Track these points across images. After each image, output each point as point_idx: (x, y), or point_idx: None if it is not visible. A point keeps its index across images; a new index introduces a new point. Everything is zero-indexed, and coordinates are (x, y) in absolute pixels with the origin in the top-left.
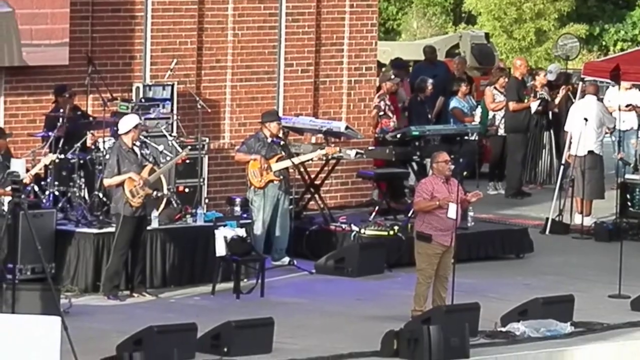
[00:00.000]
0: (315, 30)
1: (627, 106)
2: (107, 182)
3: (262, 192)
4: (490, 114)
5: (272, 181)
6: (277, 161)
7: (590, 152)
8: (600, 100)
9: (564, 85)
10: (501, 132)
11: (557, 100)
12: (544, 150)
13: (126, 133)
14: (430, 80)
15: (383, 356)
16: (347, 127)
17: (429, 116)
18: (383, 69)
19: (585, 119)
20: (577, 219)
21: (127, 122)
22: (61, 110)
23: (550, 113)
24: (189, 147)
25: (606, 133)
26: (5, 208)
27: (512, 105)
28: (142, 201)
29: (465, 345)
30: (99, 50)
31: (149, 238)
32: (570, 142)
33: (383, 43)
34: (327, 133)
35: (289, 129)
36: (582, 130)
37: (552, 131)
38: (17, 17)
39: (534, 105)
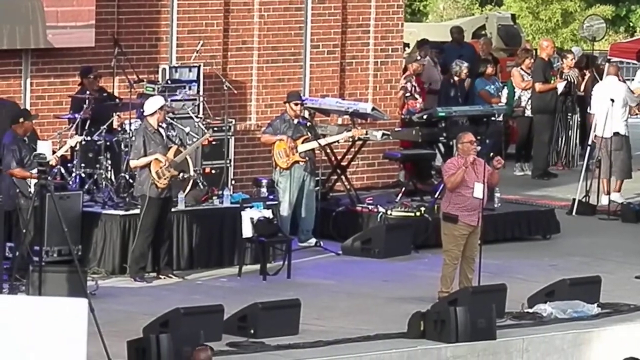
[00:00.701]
0: (341, 12)
1: None
2: (133, 163)
3: (287, 173)
4: (517, 95)
5: (297, 162)
6: (303, 142)
7: (616, 133)
8: (624, 81)
9: (588, 68)
10: (528, 113)
11: (583, 83)
12: (569, 132)
13: (151, 114)
14: (465, 64)
15: (410, 337)
16: (373, 109)
17: (459, 100)
18: (407, 50)
19: (612, 100)
20: (604, 200)
21: (152, 104)
22: (87, 92)
23: (575, 94)
24: (214, 128)
25: (631, 114)
26: (32, 190)
27: (539, 86)
28: (167, 182)
29: (492, 326)
30: (125, 32)
31: (175, 220)
32: (591, 123)
33: (409, 24)
34: (353, 114)
35: (315, 110)
36: (608, 111)
37: (578, 113)
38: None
39: (561, 86)
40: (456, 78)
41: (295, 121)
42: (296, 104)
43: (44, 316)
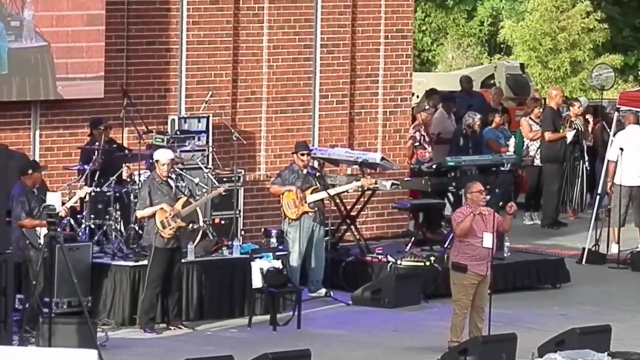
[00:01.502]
0: (350, 62)
1: None
2: (139, 213)
3: (297, 224)
4: (525, 144)
5: (307, 213)
6: (312, 193)
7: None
8: None
9: (595, 118)
10: (537, 162)
11: (589, 131)
12: (577, 180)
13: (159, 163)
14: (478, 116)
15: None
16: (382, 158)
17: (470, 150)
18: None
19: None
20: (614, 249)
21: (161, 155)
22: (97, 144)
23: (583, 143)
24: (225, 181)
25: None
26: (42, 241)
27: (548, 135)
28: (173, 233)
29: None
30: (134, 83)
31: (185, 270)
32: (610, 172)
33: (418, 74)
34: (362, 164)
35: (324, 160)
36: (633, 159)
37: (586, 161)
38: (52, 51)
39: (570, 135)
40: (469, 130)
41: (304, 171)
42: (304, 154)
43: None
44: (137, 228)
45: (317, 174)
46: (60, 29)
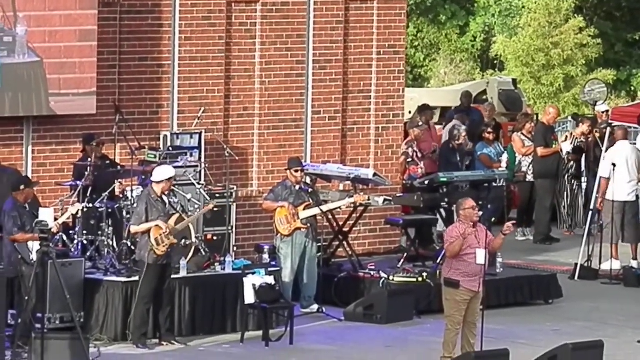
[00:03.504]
0: (342, 78)
1: None
2: (134, 229)
3: (289, 240)
4: (517, 159)
5: (299, 229)
6: (304, 209)
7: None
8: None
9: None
10: (529, 177)
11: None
12: (576, 196)
13: (158, 182)
14: (463, 128)
15: None
16: (375, 174)
17: (459, 165)
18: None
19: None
20: (605, 265)
21: (162, 173)
22: (89, 159)
23: (583, 160)
24: (217, 196)
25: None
26: (34, 257)
27: (541, 150)
28: (166, 250)
29: None
30: (127, 99)
31: (177, 286)
32: (602, 188)
33: (410, 90)
34: (355, 180)
35: (317, 176)
36: (624, 175)
37: (582, 177)
38: (45, 67)
39: (566, 147)
40: (456, 143)
41: (297, 187)
42: (297, 171)
43: None
44: (129, 244)
45: (310, 190)
46: (52, 45)
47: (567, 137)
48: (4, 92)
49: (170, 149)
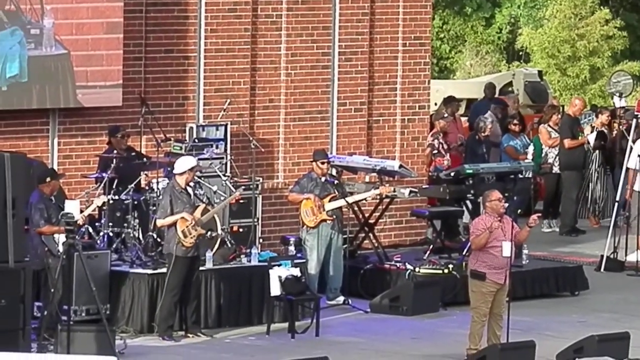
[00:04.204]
0: (368, 69)
1: None
2: (159, 222)
3: (315, 232)
4: (543, 151)
5: (325, 220)
6: (330, 200)
7: None
8: None
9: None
10: (555, 169)
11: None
12: (601, 186)
13: (181, 174)
14: (489, 120)
15: None
16: (400, 166)
17: (486, 156)
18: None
19: None
20: (631, 257)
21: (183, 164)
22: (115, 151)
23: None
24: (243, 187)
25: None
26: (60, 249)
27: (568, 142)
28: (194, 241)
29: None
30: (152, 91)
31: (203, 278)
32: (630, 179)
33: (436, 82)
34: (380, 172)
35: (342, 168)
36: None
37: (607, 168)
38: (72, 59)
39: (592, 138)
40: (481, 134)
41: (323, 179)
42: (322, 163)
43: None
44: (155, 236)
45: (336, 181)
46: (80, 37)
47: (591, 128)
48: (31, 85)
49: (196, 140)
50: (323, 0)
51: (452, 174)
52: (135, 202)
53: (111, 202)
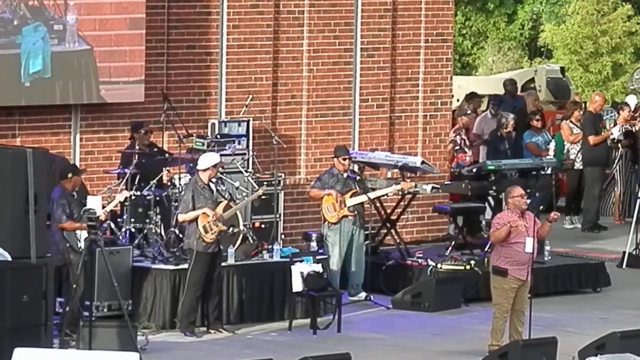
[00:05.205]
0: (390, 65)
1: None
2: (181, 217)
3: (336, 228)
4: (565, 147)
5: (346, 216)
6: (351, 196)
7: None
8: None
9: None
10: (577, 165)
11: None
12: (627, 183)
13: (204, 170)
14: (511, 116)
15: None
16: (422, 162)
17: (508, 152)
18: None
19: None
20: None
21: (207, 160)
22: (137, 147)
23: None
24: (265, 184)
25: None
26: (82, 245)
27: (592, 139)
28: (215, 237)
29: None
30: (174, 87)
31: (225, 274)
32: None
33: (458, 78)
34: (403, 168)
35: (364, 164)
36: None
37: (636, 166)
38: (95, 55)
39: (616, 132)
40: (503, 131)
41: (344, 175)
42: (344, 159)
43: None
44: (177, 232)
45: (357, 177)
46: (103, 33)
47: (614, 123)
48: (55, 81)
49: (218, 136)
50: None
51: (474, 170)
52: (157, 198)
53: (133, 198)
